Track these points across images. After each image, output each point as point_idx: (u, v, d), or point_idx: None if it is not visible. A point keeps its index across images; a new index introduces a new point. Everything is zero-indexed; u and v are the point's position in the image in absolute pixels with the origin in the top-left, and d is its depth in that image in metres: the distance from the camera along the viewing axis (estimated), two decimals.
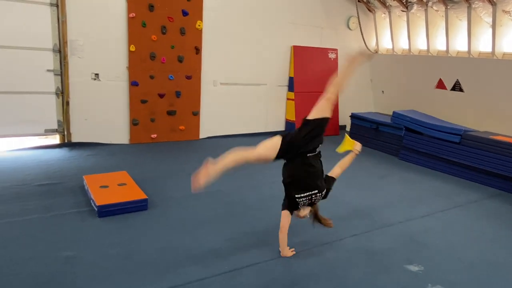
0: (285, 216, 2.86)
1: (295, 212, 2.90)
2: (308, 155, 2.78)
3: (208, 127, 6.70)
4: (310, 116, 2.81)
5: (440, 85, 6.78)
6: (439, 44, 6.85)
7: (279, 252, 2.99)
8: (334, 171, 3.11)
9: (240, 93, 6.91)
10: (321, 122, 2.79)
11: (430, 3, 6.55)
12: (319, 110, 2.81)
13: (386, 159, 6.09)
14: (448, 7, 6.29)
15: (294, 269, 2.83)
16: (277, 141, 2.75)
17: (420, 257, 3.10)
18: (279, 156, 2.74)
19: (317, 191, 2.82)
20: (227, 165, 2.64)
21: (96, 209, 3.41)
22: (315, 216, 2.94)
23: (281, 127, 7.55)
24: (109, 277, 2.57)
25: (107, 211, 3.39)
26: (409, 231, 3.58)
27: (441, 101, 6.72)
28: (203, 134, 6.67)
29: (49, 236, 3.02)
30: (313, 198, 2.83)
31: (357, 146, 3.21)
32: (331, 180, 3.04)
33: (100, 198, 3.48)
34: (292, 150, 2.74)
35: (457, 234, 3.59)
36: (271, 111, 7.35)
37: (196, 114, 6.50)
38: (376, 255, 3.11)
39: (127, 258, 2.80)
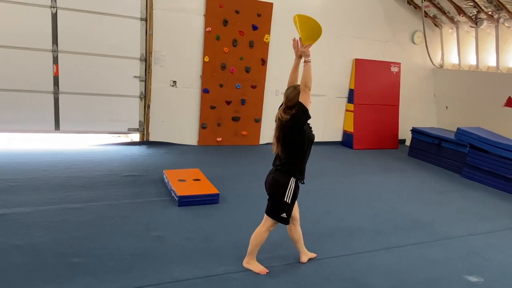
0: None
1: None
2: None
3: (268, 133, 7.06)
4: None
5: (509, 103, 6.56)
6: (510, 61, 6.65)
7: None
8: None
9: None
10: None
11: (501, 20, 6.41)
12: None
13: (448, 176, 6.03)
14: None
15: (354, 267, 3.04)
16: None
17: (480, 270, 3.16)
18: None
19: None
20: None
21: (176, 199, 3.88)
22: None
23: (338, 138, 7.71)
24: (192, 256, 2.99)
25: (185, 201, 3.86)
26: (469, 245, 3.63)
27: (509, 120, 6.49)
28: (263, 140, 7.05)
29: (140, 218, 3.54)
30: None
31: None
32: None
33: (180, 189, 3.96)
34: None
35: None
36: (328, 122, 7.55)
37: (258, 121, 6.91)
38: (435, 263, 3.22)
39: (205, 242, 3.21)
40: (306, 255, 3.09)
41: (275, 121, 2.75)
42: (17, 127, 5.56)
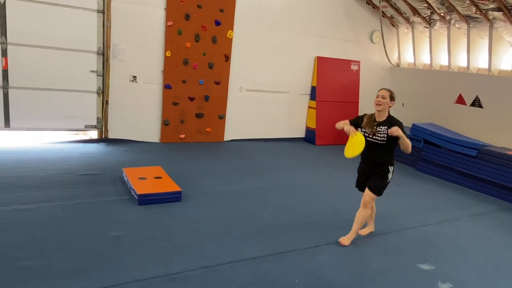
0: None
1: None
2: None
3: (233, 130, 7.05)
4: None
5: (460, 100, 6.96)
6: (460, 61, 7.05)
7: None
8: None
9: (264, 100, 7.25)
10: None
11: (452, 21, 6.77)
12: None
13: (403, 170, 6.30)
14: (470, 25, 6.50)
15: (315, 260, 3.11)
16: None
17: (432, 258, 3.34)
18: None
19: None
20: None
21: (136, 197, 3.78)
22: None
23: (302, 134, 7.84)
24: (152, 255, 2.92)
25: (146, 199, 3.77)
26: (423, 235, 3.82)
27: (460, 116, 6.89)
28: (227, 137, 7.03)
29: (97, 218, 3.41)
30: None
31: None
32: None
33: (140, 188, 3.85)
34: None
35: (468, 241, 3.80)
36: (292, 118, 7.65)
37: (222, 117, 6.87)
38: (391, 253, 3.37)
39: (166, 241, 3.15)
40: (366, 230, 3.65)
41: None
42: None
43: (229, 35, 6.54)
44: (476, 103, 6.68)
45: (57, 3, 5.30)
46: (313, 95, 7.62)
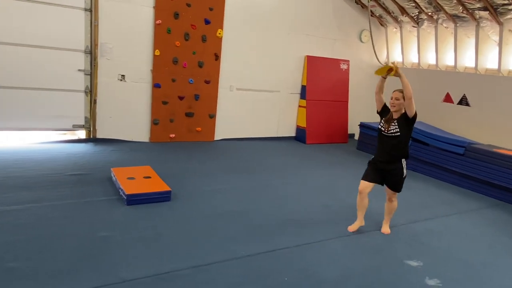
0: None
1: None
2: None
3: (223, 129, 7.03)
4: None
5: (448, 99, 7.05)
6: (448, 60, 7.14)
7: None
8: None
9: (254, 99, 7.24)
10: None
11: (440, 20, 6.86)
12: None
13: None
14: (457, 24, 6.59)
15: (306, 258, 3.12)
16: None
17: (420, 255, 3.38)
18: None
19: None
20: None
21: (125, 197, 3.75)
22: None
23: (292, 133, 7.86)
24: (141, 255, 2.90)
25: (134, 199, 3.73)
26: (411, 232, 3.86)
27: (448, 114, 6.99)
28: (217, 136, 7.01)
29: (85, 218, 3.37)
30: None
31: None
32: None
33: (128, 188, 3.82)
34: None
35: (456, 237, 3.85)
36: (282, 117, 7.67)
37: (212, 117, 6.85)
38: (379, 250, 3.40)
39: (155, 241, 3.13)
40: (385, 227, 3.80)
41: None
42: None
43: (219, 33, 6.51)
44: (463, 101, 6.78)
45: (43, 1, 5.22)
46: (303, 94, 7.64)
